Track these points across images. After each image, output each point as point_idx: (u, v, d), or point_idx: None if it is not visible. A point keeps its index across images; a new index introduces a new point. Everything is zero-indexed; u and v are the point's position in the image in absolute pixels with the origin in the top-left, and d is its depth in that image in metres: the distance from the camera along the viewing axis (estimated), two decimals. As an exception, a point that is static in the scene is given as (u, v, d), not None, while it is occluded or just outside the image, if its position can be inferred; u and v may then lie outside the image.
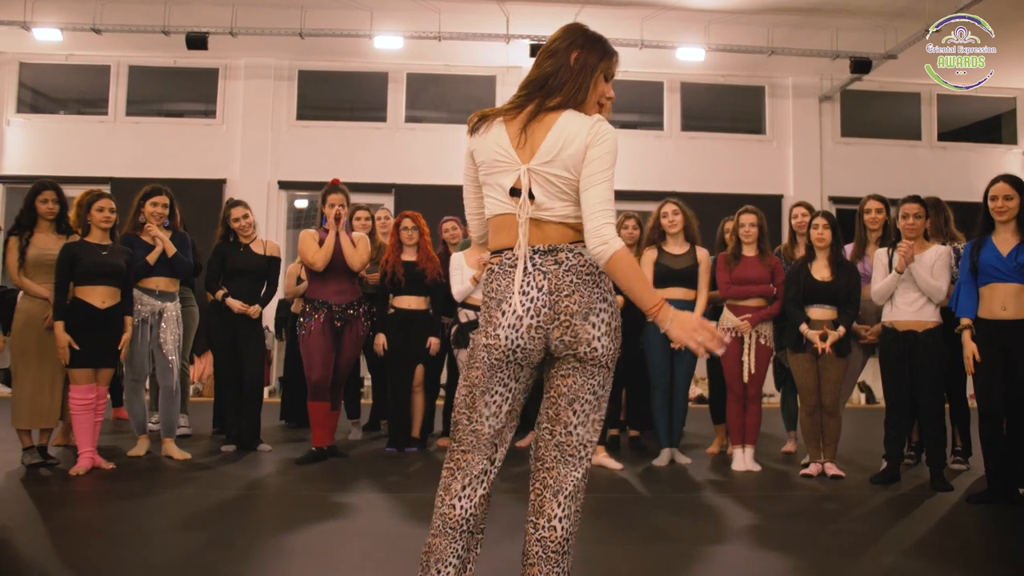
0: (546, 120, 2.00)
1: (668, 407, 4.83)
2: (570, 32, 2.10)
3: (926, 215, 4.38)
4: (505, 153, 2.02)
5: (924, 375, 4.27)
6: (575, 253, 1.99)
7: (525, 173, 1.98)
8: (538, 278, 1.99)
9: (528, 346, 1.99)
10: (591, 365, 2.00)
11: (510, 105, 2.07)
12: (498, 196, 2.04)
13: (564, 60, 2.04)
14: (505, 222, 2.04)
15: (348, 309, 4.85)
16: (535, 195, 1.98)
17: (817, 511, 3.87)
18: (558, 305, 1.97)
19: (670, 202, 4.91)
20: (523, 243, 1.99)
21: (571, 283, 1.98)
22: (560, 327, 1.97)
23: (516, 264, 2.00)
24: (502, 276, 2.03)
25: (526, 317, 1.98)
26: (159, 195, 5.03)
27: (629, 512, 3.78)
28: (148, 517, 3.55)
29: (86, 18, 8.53)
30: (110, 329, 4.49)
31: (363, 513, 3.67)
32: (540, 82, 2.04)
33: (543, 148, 1.98)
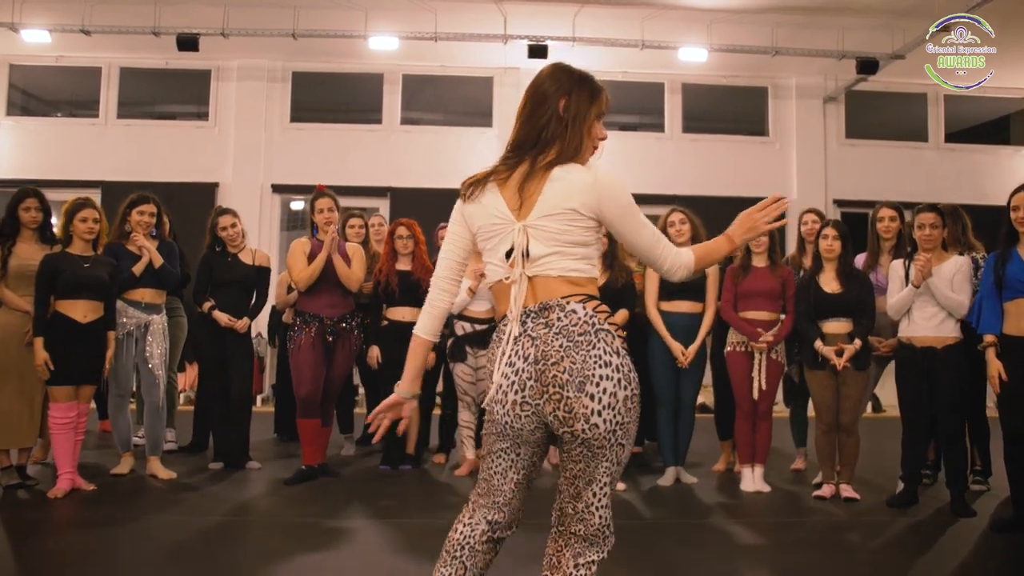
0: (543, 176, 1.85)
1: (674, 424, 4.64)
2: (555, 77, 1.93)
3: (943, 224, 4.17)
4: (502, 217, 1.88)
5: (944, 393, 4.04)
6: (567, 311, 1.79)
7: (521, 231, 1.83)
8: (526, 345, 1.80)
9: (517, 424, 1.82)
10: (596, 448, 1.77)
11: (502, 166, 1.92)
12: (497, 263, 1.90)
13: (553, 109, 1.90)
14: (503, 288, 1.89)
15: (341, 323, 4.66)
16: (532, 252, 1.83)
17: (834, 541, 3.66)
18: (545, 376, 1.76)
19: (677, 210, 4.72)
20: (514, 305, 1.83)
21: (560, 347, 1.76)
22: (552, 401, 1.76)
23: (504, 331, 1.87)
24: (495, 346, 1.90)
25: (510, 392, 1.81)
26: (146, 203, 4.84)
27: (635, 541, 3.57)
28: (127, 548, 3.37)
29: (75, 19, 8.34)
30: (92, 344, 4.30)
31: (354, 542, 3.49)
32: (532, 139, 1.90)
33: (541, 202, 1.83)
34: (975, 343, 3.94)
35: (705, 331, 4.59)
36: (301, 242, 4.77)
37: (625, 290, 4.62)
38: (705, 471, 4.98)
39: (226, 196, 9.36)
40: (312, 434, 4.60)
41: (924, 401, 4.11)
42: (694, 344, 4.54)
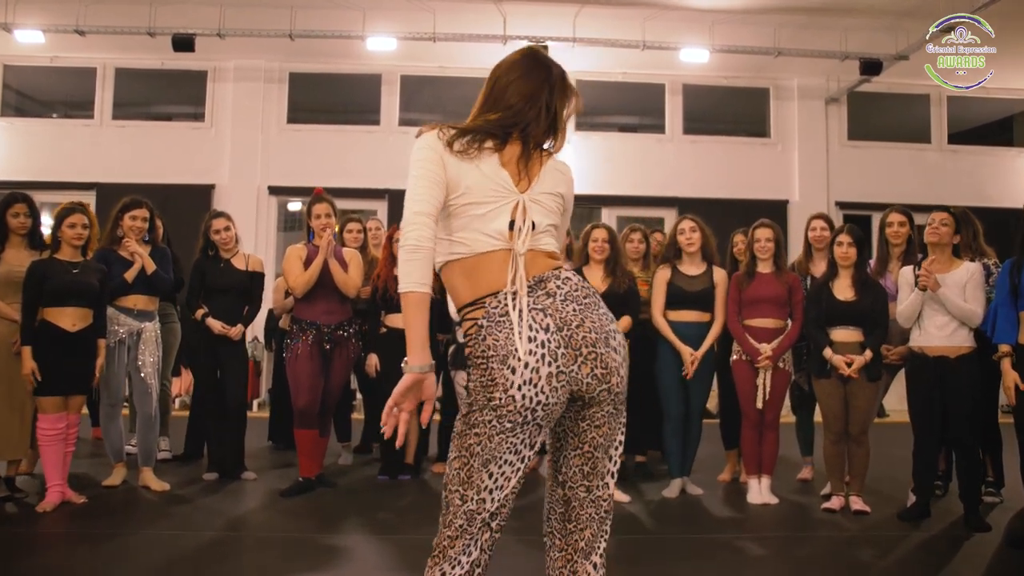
0: (539, 158, 1.89)
1: (681, 435, 4.54)
2: (559, 71, 1.95)
3: (956, 229, 4.05)
4: (505, 187, 1.81)
5: (958, 404, 3.92)
6: (563, 279, 1.78)
7: (523, 203, 1.79)
8: (539, 318, 1.73)
9: (552, 400, 1.72)
10: (620, 403, 1.80)
11: (488, 136, 1.84)
12: (483, 231, 1.78)
13: (549, 99, 1.91)
14: (490, 261, 1.77)
15: (338, 330, 4.56)
16: (536, 223, 1.80)
17: (847, 558, 3.54)
18: (574, 339, 1.72)
19: (688, 218, 4.61)
20: (521, 280, 1.74)
21: (575, 311, 1.74)
22: (588, 362, 1.73)
23: (507, 311, 1.72)
24: (496, 328, 1.72)
25: (543, 366, 1.70)
26: (138, 208, 4.73)
27: (642, 557, 3.48)
28: (118, 564, 3.27)
29: (69, 19, 8.25)
30: (81, 353, 4.19)
31: (351, 560, 3.38)
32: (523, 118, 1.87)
33: (540, 181, 1.86)
34: (989, 352, 3.84)
35: (713, 337, 4.48)
36: (297, 248, 4.67)
37: (628, 296, 4.52)
38: (710, 481, 4.87)
39: (222, 198, 9.27)
40: (310, 445, 4.50)
41: (936, 412, 3.99)
42: (699, 351, 4.44)
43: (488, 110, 1.89)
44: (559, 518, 1.85)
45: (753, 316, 4.40)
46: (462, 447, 1.75)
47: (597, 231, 4.56)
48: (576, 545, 1.82)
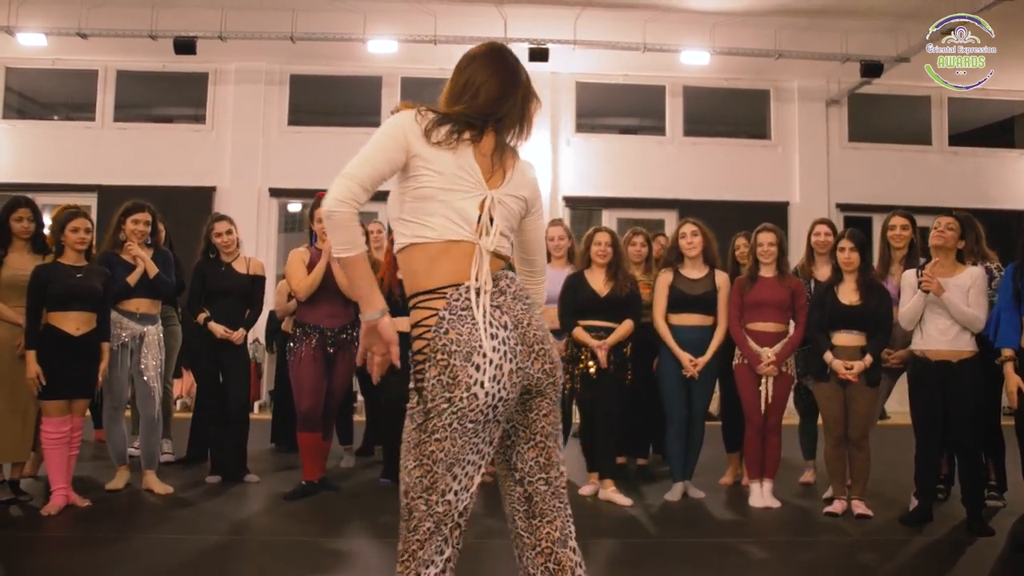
0: (512, 157, 1.95)
1: (684, 438, 4.55)
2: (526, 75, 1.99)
3: (961, 234, 4.04)
4: (472, 178, 1.84)
5: (960, 408, 3.92)
6: (510, 278, 1.87)
7: (491, 200, 1.83)
8: (497, 315, 1.79)
9: (511, 396, 1.79)
10: (558, 393, 1.92)
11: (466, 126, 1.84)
12: (452, 219, 1.81)
13: (523, 97, 1.96)
14: (457, 250, 1.80)
15: (341, 333, 4.56)
16: (495, 223, 1.84)
17: (850, 563, 3.55)
18: (527, 337, 1.81)
19: (689, 222, 4.62)
20: (487, 276, 1.79)
21: (523, 310, 1.84)
22: (540, 358, 1.83)
23: (469, 306, 1.77)
24: (459, 322, 1.76)
25: (506, 363, 1.76)
26: (141, 211, 4.75)
27: (644, 561, 3.49)
28: (122, 568, 3.28)
29: (71, 22, 8.27)
30: (85, 357, 4.20)
31: (355, 564, 3.39)
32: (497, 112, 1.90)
33: (508, 181, 1.90)
34: (991, 356, 3.85)
35: (717, 344, 4.48)
36: (299, 252, 4.68)
37: (630, 300, 4.53)
38: (712, 484, 4.87)
39: (223, 200, 9.28)
40: (312, 448, 4.51)
41: (938, 416, 3.98)
42: (704, 358, 4.44)
43: (458, 103, 1.90)
44: (523, 516, 1.87)
45: (755, 320, 4.40)
46: (422, 455, 1.75)
47: (600, 235, 4.57)
48: (551, 536, 1.84)
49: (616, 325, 4.47)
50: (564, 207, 9.51)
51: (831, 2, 7.89)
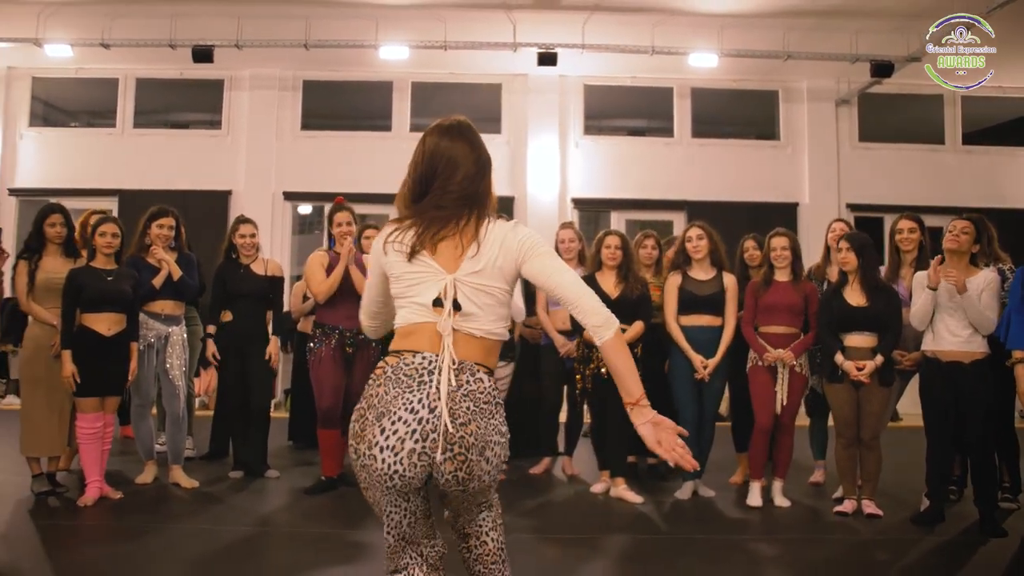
0: (470, 228, 1.89)
1: (695, 439, 4.66)
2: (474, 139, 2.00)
3: (976, 238, 4.09)
4: (428, 269, 1.87)
5: (972, 410, 3.98)
6: (477, 377, 1.82)
7: (451, 284, 1.84)
8: (432, 395, 1.77)
9: (409, 474, 1.76)
10: (480, 495, 1.88)
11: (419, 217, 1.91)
12: (415, 310, 1.87)
13: (467, 164, 1.94)
14: (419, 330, 1.86)
15: (360, 334, 4.71)
16: (461, 305, 1.84)
17: (860, 561, 3.65)
18: (450, 433, 1.76)
19: (695, 226, 4.74)
20: (446, 357, 1.80)
21: (467, 410, 1.79)
22: (454, 460, 1.76)
23: (412, 375, 1.79)
24: (391, 384, 1.80)
25: (408, 440, 1.75)
26: (165, 216, 4.93)
27: (654, 558, 3.61)
28: (156, 556, 3.46)
29: (95, 33, 8.48)
30: (116, 357, 4.40)
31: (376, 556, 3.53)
32: (451, 194, 1.91)
33: (471, 260, 1.86)
34: (1002, 357, 3.90)
35: (726, 344, 4.58)
36: (319, 255, 4.84)
37: (640, 302, 4.66)
38: (722, 483, 4.97)
39: (238, 203, 9.45)
40: (332, 445, 4.66)
41: (950, 417, 4.04)
42: (714, 359, 4.56)
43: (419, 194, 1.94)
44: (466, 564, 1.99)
45: (768, 323, 4.48)
46: (365, 490, 1.90)
47: (610, 238, 4.70)
48: None
49: (626, 326, 4.60)
50: (573, 209, 9.63)
51: (840, 2, 7.94)
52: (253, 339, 5.00)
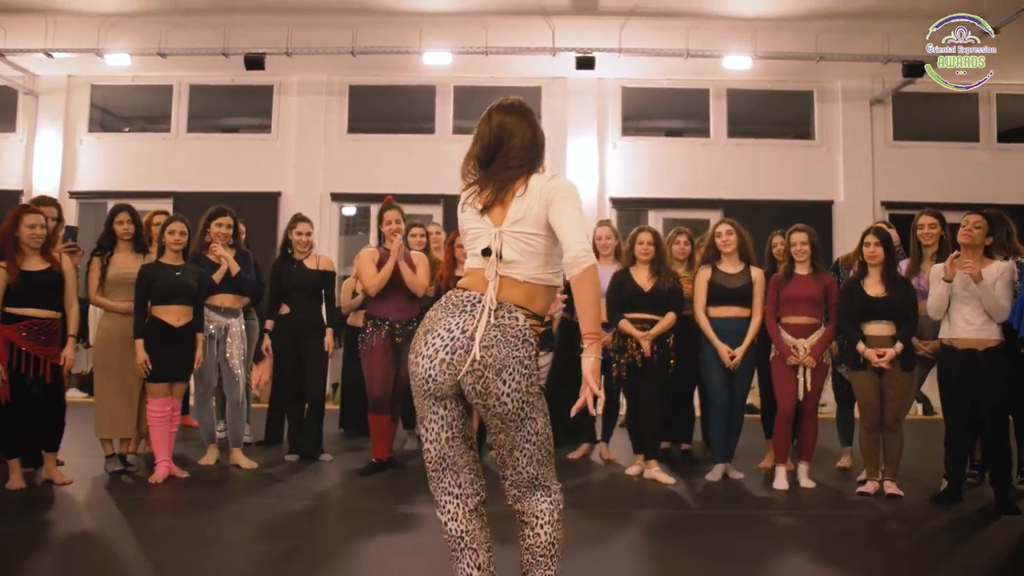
0: (515, 187, 2.25)
1: (725, 424, 4.88)
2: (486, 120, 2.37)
3: (989, 231, 4.29)
4: (482, 224, 2.27)
5: (986, 394, 4.19)
6: (512, 315, 2.17)
7: (497, 236, 2.22)
8: (469, 321, 2.16)
9: (439, 379, 2.17)
10: (510, 421, 2.17)
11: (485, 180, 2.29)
12: (474, 258, 2.29)
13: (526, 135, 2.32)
14: (474, 273, 2.26)
15: (408, 325, 5.01)
16: (504, 254, 2.21)
17: (878, 533, 3.87)
18: (474, 353, 2.12)
19: (725, 222, 4.98)
20: (489, 295, 2.17)
21: (494, 338, 2.14)
22: (473, 375, 2.13)
23: (458, 305, 2.19)
24: (441, 310, 2.22)
25: (441, 352, 2.16)
26: (224, 216, 5.29)
27: (685, 530, 3.86)
28: (227, 526, 3.79)
29: (153, 43, 8.93)
30: (184, 346, 4.76)
31: (426, 526, 3.83)
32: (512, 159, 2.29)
33: (512, 211, 2.23)
34: (1016, 345, 4.09)
35: (753, 334, 4.81)
36: (369, 251, 5.15)
37: (672, 294, 4.89)
38: (751, 467, 5.18)
39: (288, 205, 9.82)
40: (382, 430, 4.97)
41: (966, 401, 4.26)
42: (742, 347, 4.78)
43: (486, 160, 2.33)
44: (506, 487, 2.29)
45: (789, 314, 4.71)
46: (416, 401, 2.28)
47: (643, 234, 4.94)
48: (523, 506, 2.26)
49: (659, 318, 4.84)
50: (611, 208, 9.83)
51: (871, 4, 8.05)
52: (308, 330, 5.33)
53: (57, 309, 4.51)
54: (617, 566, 3.27)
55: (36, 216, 4.52)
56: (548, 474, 2.25)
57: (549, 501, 2.24)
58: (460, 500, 2.25)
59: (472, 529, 2.25)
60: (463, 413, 2.26)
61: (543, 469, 2.24)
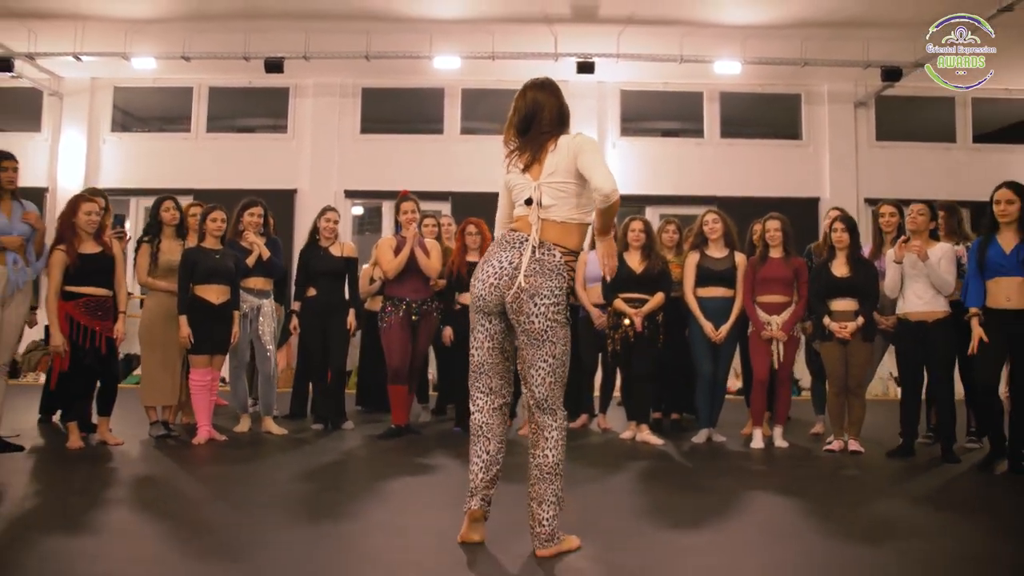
0: (548, 147, 2.83)
1: (710, 393, 5.43)
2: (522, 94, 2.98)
3: (932, 216, 4.92)
4: (524, 180, 2.87)
5: (936, 359, 4.81)
6: (551, 253, 2.75)
7: (536, 188, 2.80)
8: (515, 255, 2.75)
9: (489, 299, 2.77)
10: (535, 338, 2.72)
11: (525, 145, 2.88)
12: (520, 207, 2.87)
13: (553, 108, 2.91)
14: (521, 218, 2.85)
15: (423, 305, 5.56)
16: (544, 201, 2.79)
17: (835, 474, 4.47)
18: (515, 280, 2.72)
19: (711, 211, 5.57)
20: (533, 235, 2.77)
21: (533, 269, 2.71)
22: (512, 296, 2.72)
23: (510, 242, 2.79)
24: (496, 246, 2.83)
25: (491, 277, 2.76)
26: (255, 206, 5.84)
27: (670, 475, 4.42)
28: (267, 471, 4.34)
29: (177, 48, 9.43)
30: (223, 322, 5.30)
31: (442, 471, 4.39)
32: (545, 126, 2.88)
33: (547, 166, 2.81)
34: (961, 316, 4.66)
35: (736, 312, 5.37)
36: (388, 239, 5.70)
37: (661, 276, 5.45)
38: (734, 434, 5.74)
39: (303, 201, 10.37)
40: (400, 398, 5.51)
41: (919, 367, 4.88)
42: (727, 324, 5.33)
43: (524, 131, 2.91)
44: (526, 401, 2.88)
45: (764, 293, 5.28)
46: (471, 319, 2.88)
47: (634, 223, 5.51)
48: (536, 423, 2.81)
49: (649, 297, 5.40)
50: (610, 205, 10.36)
51: (853, 14, 8.56)
52: (333, 311, 5.87)
53: (109, 288, 5.04)
54: (612, 498, 3.83)
55: (92, 204, 5.05)
56: (556, 398, 2.78)
57: (556, 427, 2.78)
58: (488, 398, 2.84)
59: (492, 423, 2.83)
60: (504, 329, 2.83)
61: (553, 391, 2.76)
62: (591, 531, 2.97)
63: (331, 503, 3.55)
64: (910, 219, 4.93)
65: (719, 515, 3.47)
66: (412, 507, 3.58)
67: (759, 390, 5.29)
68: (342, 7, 8.87)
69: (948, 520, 3.53)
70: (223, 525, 3.19)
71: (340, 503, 3.56)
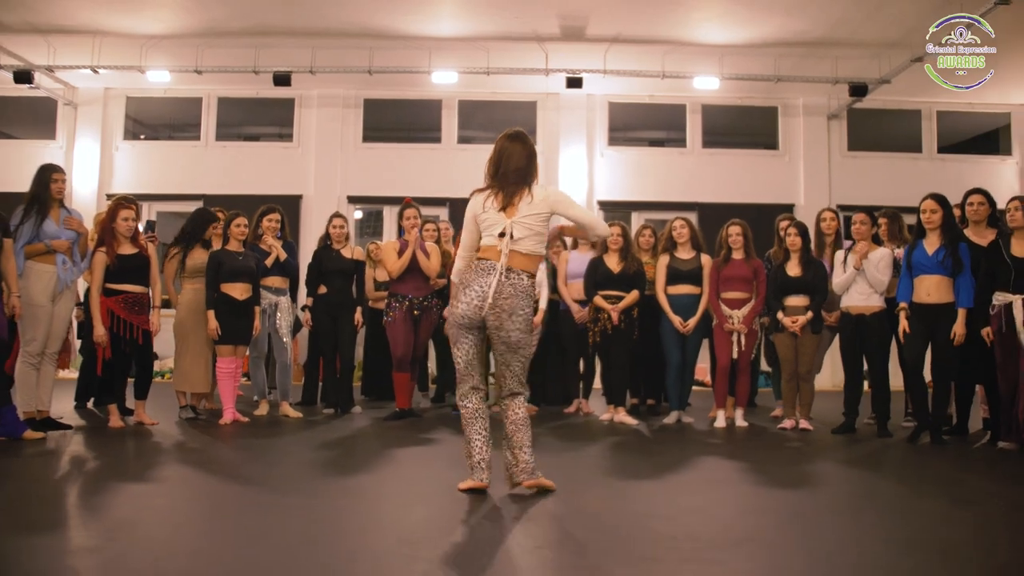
0: (521, 192, 3.49)
1: (679, 380, 6.08)
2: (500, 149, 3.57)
3: (873, 224, 5.62)
4: (497, 217, 3.49)
5: (872, 348, 5.51)
6: (520, 277, 3.40)
7: (511, 224, 3.44)
8: (490, 281, 3.38)
9: (471, 317, 3.41)
10: (512, 347, 3.41)
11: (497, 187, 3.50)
12: (490, 238, 3.49)
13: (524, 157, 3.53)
14: (491, 249, 3.47)
15: (424, 301, 6.20)
16: (516, 235, 3.42)
17: (781, 445, 5.17)
18: (495, 303, 3.36)
19: (679, 218, 6.28)
20: (503, 264, 3.40)
21: (507, 293, 3.37)
22: (492, 315, 3.37)
23: (484, 270, 3.41)
24: (475, 273, 3.45)
25: (474, 300, 3.39)
26: (273, 212, 6.48)
27: (639, 447, 5.09)
28: (288, 445, 4.97)
29: (190, 61, 10.02)
30: (246, 315, 5.93)
31: (445, 443, 5.03)
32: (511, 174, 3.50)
33: (522, 208, 3.46)
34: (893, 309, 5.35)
35: (703, 308, 6.03)
36: (392, 242, 6.34)
37: (636, 276, 6.12)
38: (701, 417, 6.39)
39: (308, 207, 10.96)
40: (404, 384, 6.15)
41: (859, 355, 5.58)
42: (694, 318, 5.99)
43: (494, 174, 3.53)
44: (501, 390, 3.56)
45: (727, 290, 5.95)
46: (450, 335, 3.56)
47: (613, 227, 6.17)
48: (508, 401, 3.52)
49: (626, 294, 6.05)
50: (599, 210, 11.00)
51: (823, 34, 9.23)
52: (342, 307, 6.49)
53: (145, 285, 5.66)
54: (583, 462, 4.51)
55: (129, 210, 5.66)
56: (521, 384, 3.54)
57: (522, 395, 3.53)
58: (475, 391, 3.50)
59: (479, 408, 3.51)
60: (482, 340, 3.51)
61: (522, 379, 3.54)
62: (562, 484, 3.61)
63: (349, 464, 4.21)
64: (853, 228, 5.61)
65: (670, 471, 4.20)
66: (417, 465, 4.25)
67: (722, 376, 5.95)
68: (347, 25, 9.49)
69: (867, 477, 4.23)
70: (264, 477, 3.86)
71: (356, 464, 4.22)
